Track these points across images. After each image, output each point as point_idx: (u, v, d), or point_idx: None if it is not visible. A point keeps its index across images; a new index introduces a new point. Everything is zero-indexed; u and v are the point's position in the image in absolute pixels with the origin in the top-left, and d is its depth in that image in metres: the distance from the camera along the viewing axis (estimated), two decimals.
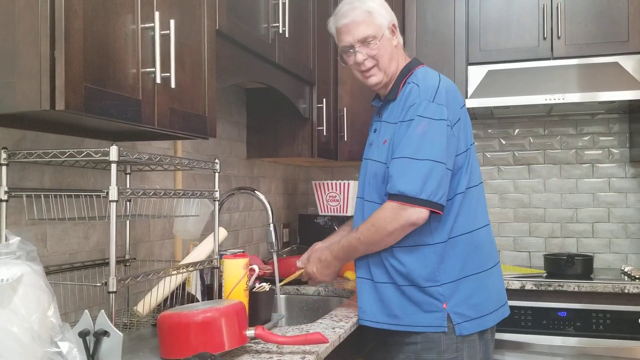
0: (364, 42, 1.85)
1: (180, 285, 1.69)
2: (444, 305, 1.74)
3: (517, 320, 2.67)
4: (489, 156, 3.35)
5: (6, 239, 1.19)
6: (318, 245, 2.07)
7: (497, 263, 1.90)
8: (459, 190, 1.77)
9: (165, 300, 1.67)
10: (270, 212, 2.03)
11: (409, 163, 1.69)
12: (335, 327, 1.71)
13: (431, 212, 1.69)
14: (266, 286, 1.78)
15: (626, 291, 2.55)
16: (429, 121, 1.71)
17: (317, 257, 1.93)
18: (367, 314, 1.82)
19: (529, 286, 2.64)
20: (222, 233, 1.82)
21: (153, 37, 1.31)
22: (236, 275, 1.63)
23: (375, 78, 1.89)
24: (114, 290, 1.27)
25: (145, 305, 1.63)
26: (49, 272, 1.39)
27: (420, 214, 1.67)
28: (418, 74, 1.85)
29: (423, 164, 1.67)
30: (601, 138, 3.20)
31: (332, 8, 2.72)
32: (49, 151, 1.30)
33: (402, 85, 1.86)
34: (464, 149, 1.79)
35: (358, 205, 1.92)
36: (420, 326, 1.75)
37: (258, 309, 1.73)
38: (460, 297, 1.76)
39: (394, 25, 1.91)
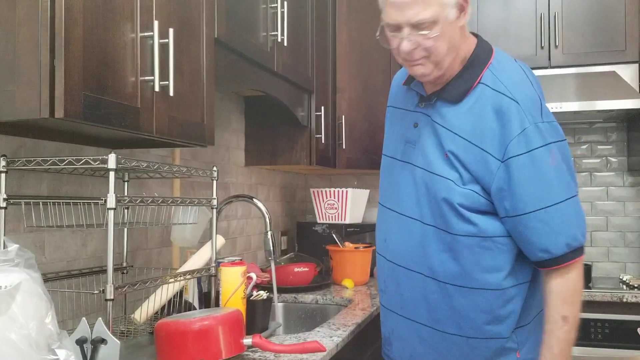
0: (417, 27, 1.36)
1: (177, 293, 1.69)
2: (517, 354, 1.44)
3: None
4: None
5: (4, 246, 1.19)
6: None
7: None
8: None
9: (163, 308, 1.67)
10: (268, 220, 2.03)
11: (564, 207, 1.37)
12: (332, 335, 1.71)
13: None
14: (264, 294, 1.78)
15: (624, 300, 2.55)
16: (553, 147, 1.39)
17: None
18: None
19: None
20: (220, 241, 1.82)
21: (152, 45, 1.32)
22: (234, 283, 1.63)
23: (423, 69, 1.42)
24: (112, 297, 1.27)
25: (142, 313, 1.63)
26: (46, 279, 1.39)
27: None
28: (500, 76, 1.43)
29: (572, 201, 1.39)
30: (599, 147, 3.21)
31: (330, 17, 2.74)
32: (48, 159, 1.31)
33: (472, 88, 1.43)
34: None
35: (413, 230, 1.47)
36: None
37: (255, 317, 1.73)
38: (534, 340, 1.45)
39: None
